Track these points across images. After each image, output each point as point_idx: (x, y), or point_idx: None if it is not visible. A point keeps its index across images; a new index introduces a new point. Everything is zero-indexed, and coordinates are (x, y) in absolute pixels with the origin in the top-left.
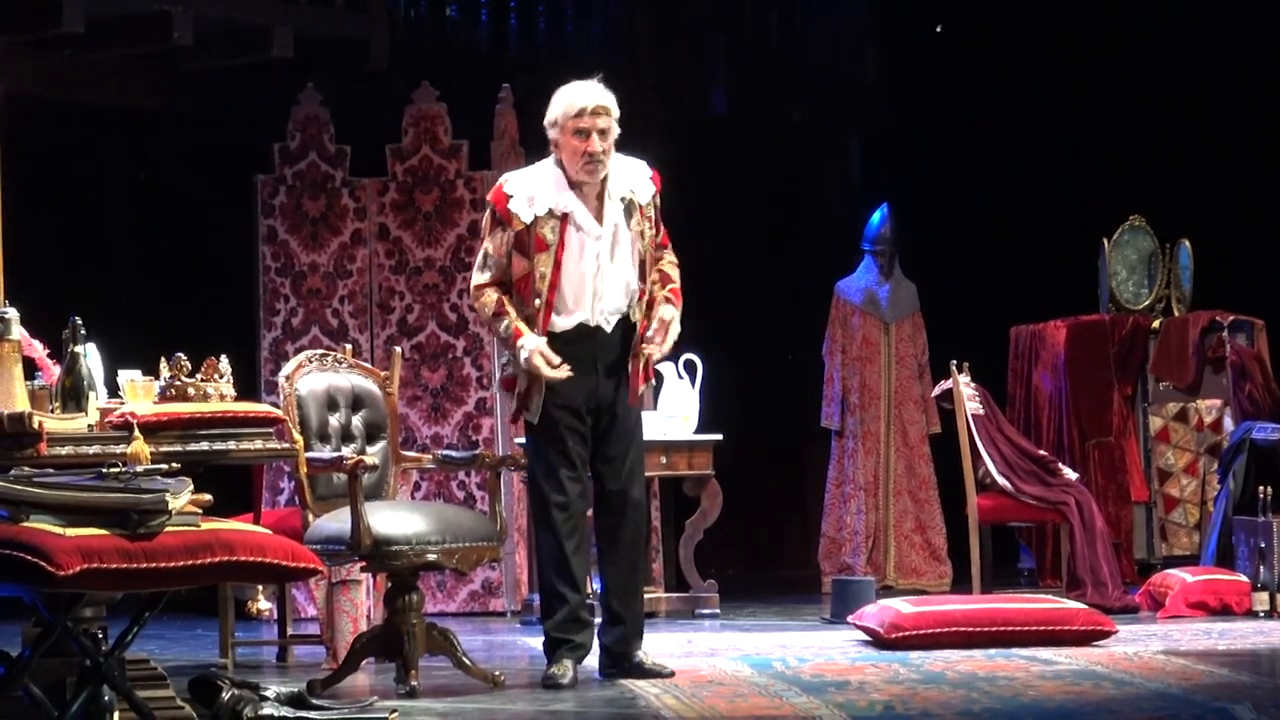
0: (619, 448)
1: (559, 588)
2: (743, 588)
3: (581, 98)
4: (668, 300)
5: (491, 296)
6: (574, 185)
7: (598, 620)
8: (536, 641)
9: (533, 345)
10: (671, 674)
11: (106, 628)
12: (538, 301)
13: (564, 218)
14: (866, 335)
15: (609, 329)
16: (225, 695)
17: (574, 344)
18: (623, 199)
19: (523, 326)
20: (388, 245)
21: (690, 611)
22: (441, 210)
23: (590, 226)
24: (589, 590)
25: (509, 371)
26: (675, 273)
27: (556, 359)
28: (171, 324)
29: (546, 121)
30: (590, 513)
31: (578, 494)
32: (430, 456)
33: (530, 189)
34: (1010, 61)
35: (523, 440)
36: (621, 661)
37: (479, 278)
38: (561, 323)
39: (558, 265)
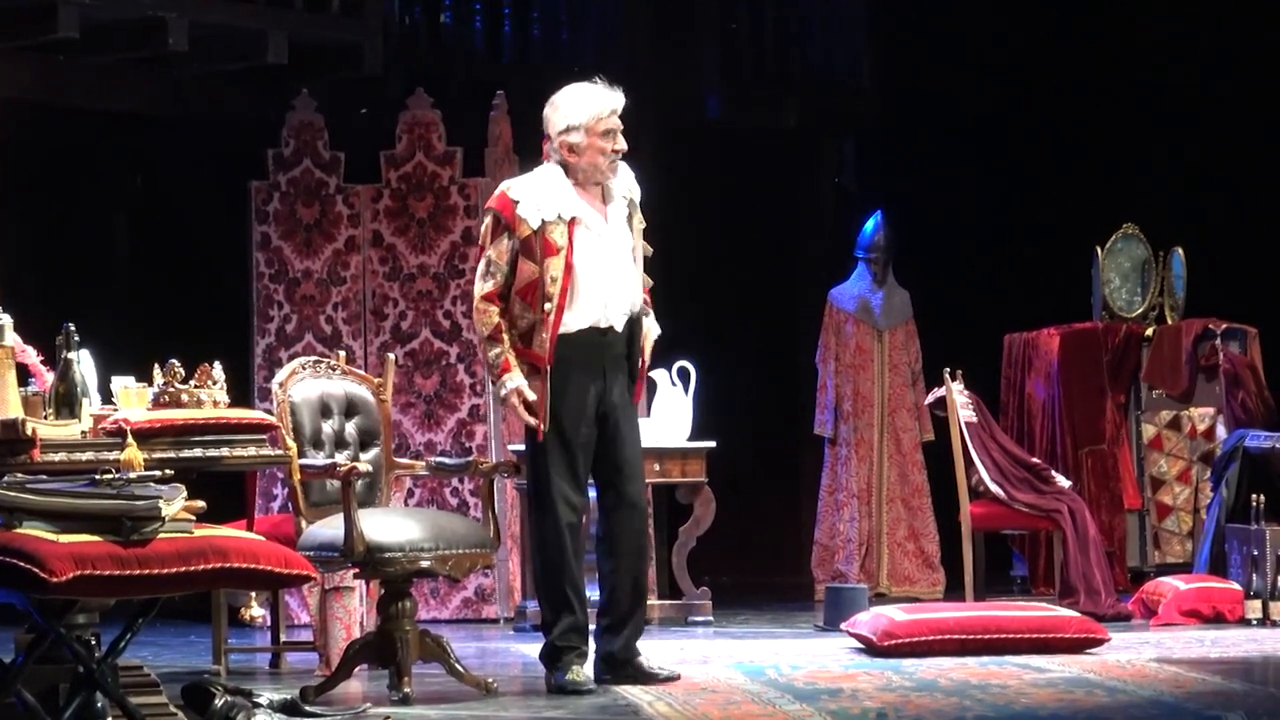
0: (627, 452)
1: (568, 599)
2: (736, 595)
3: (607, 99)
4: (645, 312)
5: (494, 317)
6: (579, 187)
7: (593, 627)
8: (529, 648)
9: (515, 384)
10: (677, 677)
11: (99, 634)
12: (548, 305)
13: (572, 221)
14: (860, 343)
15: (619, 328)
16: (218, 702)
17: (584, 347)
18: (624, 198)
19: (512, 360)
20: (381, 252)
21: (683, 619)
22: (435, 217)
23: (599, 227)
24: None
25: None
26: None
27: (533, 399)
28: (165, 330)
29: (560, 126)
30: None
31: (583, 507)
32: (424, 463)
33: (536, 193)
34: (1004, 69)
35: (519, 447)
36: (624, 667)
37: (483, 286)
38: (573, 324)
39: (569, 268)
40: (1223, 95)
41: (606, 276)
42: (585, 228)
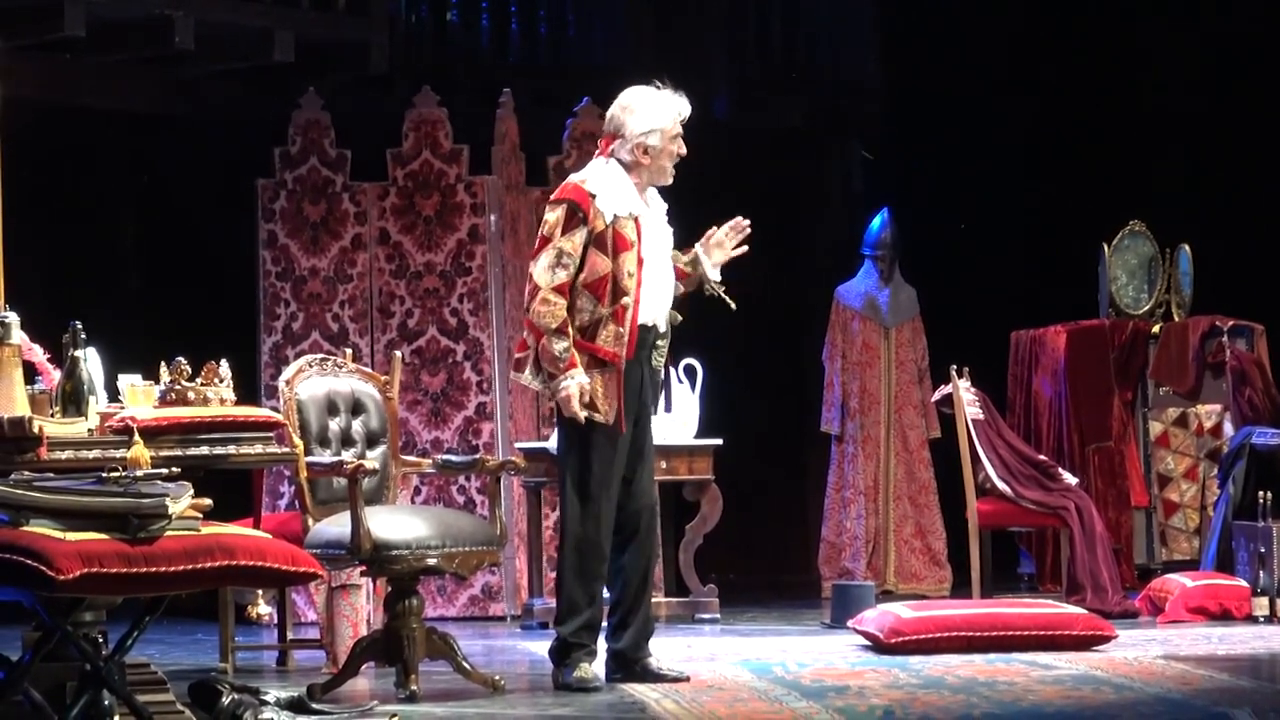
0: (645, 450)
1: (591, 596)
2: (742, 592)
3: (682, 105)
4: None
5: (563, 310)
6: (637, 187)
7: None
8: (536, 646)
9: (580, 381)
10: (686, 678)
11: (106, 632)
12: (625, 299)
13: (636, 219)
14: (866, 340)
15: (662, 328)
16: (225, 700)
17: (640, 345)
18: (661, 206)
19: (575, 355)
20: (388, 250)
21: (690, 616)
22: (442, 215)
23: (654, 228)
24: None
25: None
26: None
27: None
28: (172, 328)
29: (642, 128)
30: None
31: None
32: (430, 461)
33: (609, 187)
34: (1011, 67)
35: (534, 444)
36: (633, 666)
37: (553, 278)
38: (639, 320)
39: (641, 263)
40: (1229, 92)
41: (660, 275)
42: (647, 226)
